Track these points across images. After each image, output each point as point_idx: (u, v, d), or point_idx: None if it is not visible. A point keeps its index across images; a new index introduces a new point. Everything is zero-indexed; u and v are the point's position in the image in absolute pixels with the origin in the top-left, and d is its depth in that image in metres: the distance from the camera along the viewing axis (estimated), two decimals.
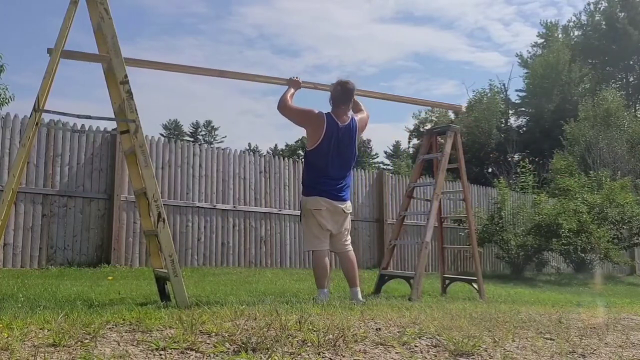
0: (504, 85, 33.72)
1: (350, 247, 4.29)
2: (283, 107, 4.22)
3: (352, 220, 10.47)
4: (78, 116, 3.65)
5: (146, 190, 3.57)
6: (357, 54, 78.82)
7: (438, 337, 2.35)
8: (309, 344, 2.09)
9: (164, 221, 3.52)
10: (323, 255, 4.09)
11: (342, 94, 4.21)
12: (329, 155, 4.10)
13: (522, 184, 13.27)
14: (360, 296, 4.17)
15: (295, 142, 48.02)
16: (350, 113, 4.29)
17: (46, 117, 6.82)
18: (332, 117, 4.14)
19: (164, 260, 3.51)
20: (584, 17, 37.09)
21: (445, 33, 68.18)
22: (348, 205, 4.24)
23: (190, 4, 78.55)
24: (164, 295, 3.80)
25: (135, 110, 3.56)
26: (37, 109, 3.41)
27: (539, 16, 64.52)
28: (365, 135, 47.47)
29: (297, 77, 4.36)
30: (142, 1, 78.35)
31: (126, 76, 3.56)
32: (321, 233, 4.11)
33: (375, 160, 47.86)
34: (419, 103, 8.81)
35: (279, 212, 9.01)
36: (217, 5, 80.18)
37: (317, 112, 4.17)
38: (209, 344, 2.04)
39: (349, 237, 4.33)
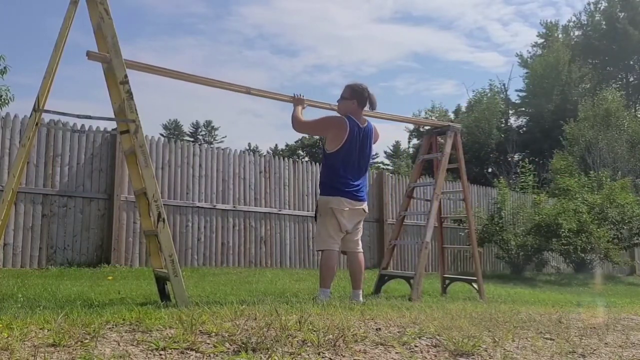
0: (504, 85, 33.77)
1: (361, 249, 4.30)
2: (299, 125, 4.32)
3: None
4: (78, 116, 3.64)
5: (146, 190, 3.56)
6: (356, 54, 78.93)
7: (438, 337, 2.35)
8: (309, 344, 2.09)
9: (164, 221, 3.52)
10: (333, 256, 4.11)
11: (369, 97, 4.26)
12: (351, 156, 4.14)
13: (522, 184, 13.29)
14: (361, 298, 4.17)
15: (295, 142, 47.99)
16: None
17: (46, 117, 6.83)
18: (354, 119, 4.18)
19: (164, 260, 3.50)
20: (584, 17, 37.13)
21: (444, 33, 68.20)
22: (366, 206, 4.29)
23: (189, 4, 78.56)
24: (164, 295, 3.79)
25: (135, 110, 3.56)
26: (37, 109, 3.41)
27: (537, 16, 64.36)
28: None
29: (301, 95, 4.40)
30: (141, 1, 78.39)
31: (126, 76, 3.56)
32: (336, 234, 4.13)
33: (375, 160, 47.82)
34: (410, 121, 8.80)
35: (279, 212, 9.02)
36: (216, 5, 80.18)
37: (338, 116, 4.24)
38: (209, 344, 2.04)
39: (360, 238, 4.33)
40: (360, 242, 4.32)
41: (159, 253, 3.72)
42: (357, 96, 4.24)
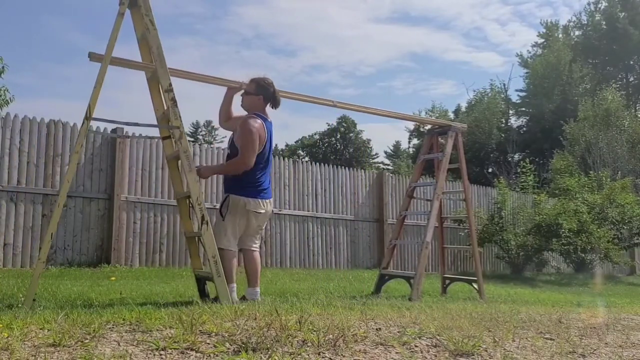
0: (504, 85, 33.77)
1: (257, 247, 4.14)
2: (245, 161, 3.87)
3: (352, 220, 10.43)
4: (127, 123, 3.79)
5: (190, 194, 3.74)
6: (354, 54, 78.71)
7: (438, 337, 2.35)
8: (309, 344, 2.09)
9: (207, 223, 3.68)
10: (234, 255, 4.02)
11: (275, 94, 4.06)
12: (267, 156, 4.04)
13: (522, 184, 13.30)
14: (259, 297, 4.03)
15: (295, 142, 48.01)
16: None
17: (46, 117, 6.85)
18: (265, 117, 4.03)
19: (208, 260, 3.62)
20: (584, 17, 37.11)
21: (442, 33, 68.14)
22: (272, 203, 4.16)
23: (187, 4, 78.35)
24: (204, 295, 3.97)
25: (180, 117, 3.69)
26: (88, 117, 3.48)
27: (535, 16, 64.23)
28: (365, 135, 47.47)
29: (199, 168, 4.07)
30: None
31: (170, 84, 3.70)
32: (239, 235, 4.01)
33: (375, 160, 47.83)
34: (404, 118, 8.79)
35: (279, 212, 9.01)
36: (213, 5, 80.00)
37: (256, 122, 3.93)
38: (209, 344, 2.04)
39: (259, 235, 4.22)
40: (258, 240, 4.12)
41: (199, 254, 3.99)
42: (263, 92, 4.02)
